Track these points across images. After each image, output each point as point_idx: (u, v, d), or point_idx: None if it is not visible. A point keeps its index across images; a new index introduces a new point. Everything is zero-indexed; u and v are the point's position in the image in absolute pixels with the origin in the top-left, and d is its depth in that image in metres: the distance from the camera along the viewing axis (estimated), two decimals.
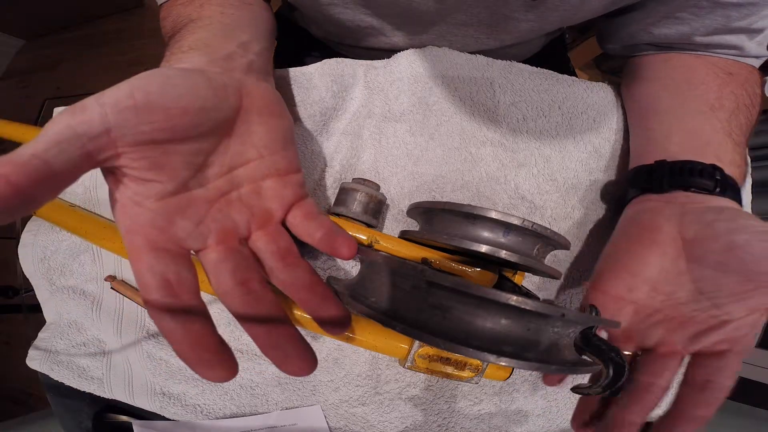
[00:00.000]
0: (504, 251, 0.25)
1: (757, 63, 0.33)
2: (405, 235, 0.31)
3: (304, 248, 0.31)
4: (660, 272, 0.26)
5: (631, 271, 0.27)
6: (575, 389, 0.25)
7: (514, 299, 0.19)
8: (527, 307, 0.19)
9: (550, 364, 0.20)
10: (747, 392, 0.82)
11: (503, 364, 0.19)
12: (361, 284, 0.28)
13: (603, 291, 0.28)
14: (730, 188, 0.28)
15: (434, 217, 0.28)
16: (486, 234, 0.26)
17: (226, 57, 0.26)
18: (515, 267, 0.29)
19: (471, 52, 0.38)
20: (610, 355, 0.23)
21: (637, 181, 0.31)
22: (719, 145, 0.30)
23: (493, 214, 0.25)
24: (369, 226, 0.30)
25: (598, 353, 0.23)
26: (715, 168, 0.28)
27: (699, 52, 0.33)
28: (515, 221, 0.24)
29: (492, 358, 0.19)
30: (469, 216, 0.26)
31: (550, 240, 0.26)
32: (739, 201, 0.28)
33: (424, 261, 0.29)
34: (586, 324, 0.23)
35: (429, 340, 0.20)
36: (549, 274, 0.27)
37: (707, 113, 0.31)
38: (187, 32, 0.28)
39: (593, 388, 0.24)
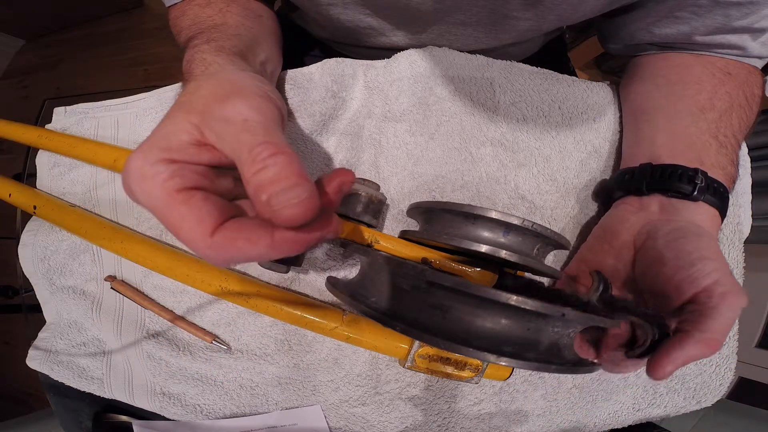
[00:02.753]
0: (504, 251, 0.25)
1: (761, 63, 0.33)
2: (405, 235, 0.31)
3: (301, 257, 0.31)
4: (612, 272, 0.29)
5: (588, 264, 0.31)
6: (630, 355, 0.24)
7: (514, 299, 0.19)
8: (527, 307, 0.19)
9: (551, 363, 0.20)
10: (747, 392, 0.82)
11: (503, 364, 0.19)
12: (361, 284, 0.28)
13: (570, 276, 0.31)
14: (712, 192, 0.28)
15: (434, 217, 0.28)
16: (486, 234, 0.26)
17: (270, 74, 0.27)
18: (515, 267, 0.29)
19: (471, 52, 0.38)
20: (644, 312, 0.22)
21: (621, 183, 0.32)
22: (703, 148, 0.30)
23: (493, 214, 0.25)
24: (369, 226, 0.30)
25: (630, 313, 0.23)
26: (696, 172, 0.28)
27: (700, 52, 0.33)
28: (515, 221, 0.24)
29: (492, 358, 0.19)
30: (469, 216, 0.26)
31: (550, 240, 0.26)
32: (721, 204, 0.28)
33: (424, 261, 0.29)
34: (586, 324, 0.22)
35: (429, 340, 0.20)
36: (549, 274, 0.27)
37: (696, 114, 0.31)
38: (221, 34, 0.28)
39: (645, 348, 0.23)
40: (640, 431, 0.36)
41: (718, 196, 0.28)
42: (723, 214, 0.29)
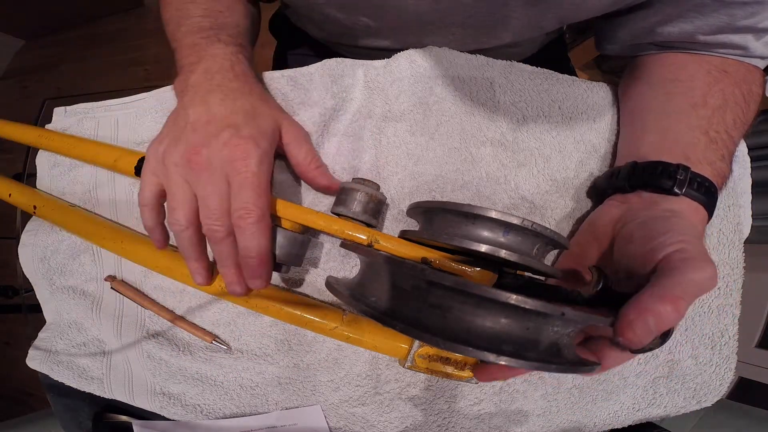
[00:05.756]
0: (504, 251, 0.25)
1: (763, 64, 0.33)
2: (405, 235, 0.31)
3: (301, 256, 0.31)
4: (597, 260, 0.30)
5: (575, 258, 0.32)
6: (636, 351, 0.23)
7: (513, 298, 0.19)
8: (527, 306, 0.19)
9: (551, 363, 0.20)
10: (747, 392, 0.82)
11: (503, 363, 0.19)
12: (361, 284, 0.28)
13: (569, 272, 0.32)
14: (695, 186, 0.28)
15: (434, 216, 0.28)
16: (486, 233, 0.26)
17: None
18: (515, 266, 0.29)
19: (470, 52, 0.38)
20: None
21: (609, 182, 0.33)
22: (690, 144, 0.30)
23: (493, 214, 0.25)
24: (369, 225, 0.30)
25: None
26: (678, 167, 0.28)
27: (701, 52, 0.33)
28: (515, 221, 0.24)
29: (492, 357, 0.19)
30: (469, 216, 0.25)
31: (549, 239, 0.26)
32: (706, 198, 0.28)
33: (424, 261, 0.29)
34: (586, 323, 0.22)
35: (429, 340, 0.20)
36: (548, 273, 0.27)
37: (687, 111, 0.31)
38: (244, 39, 0.35)
39: (653, 342, 0.23)
40: (640, 431, 0.36)
41: (702, 191, 0.28)
42: (709, 208, 0.29)
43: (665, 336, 0.22)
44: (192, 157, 0.26)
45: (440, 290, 0.21)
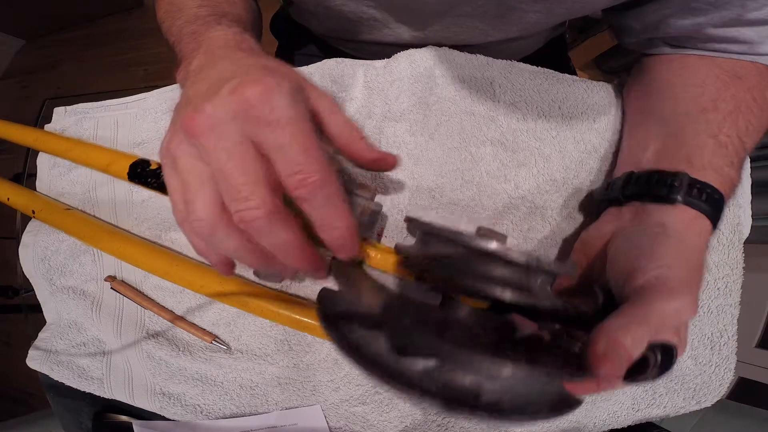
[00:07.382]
0: (500, 289, 0.21)
1: None
2: (399, 251, 0.29)
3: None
4: (592, 279, 0.29)
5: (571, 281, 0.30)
6: (640, 380, 0.22)
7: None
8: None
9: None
10: (747, 392, 0.82)
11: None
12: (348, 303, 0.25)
13: (557, 289, 0.31)
14: (695, 194, 0.26)
15: (431, 239, 0.25)
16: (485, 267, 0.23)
17: None
18: (515, 308, 0.27)
19: (475, 45, 0.38)
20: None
21: (603, 194, 0.32)
22: (695, 148, 0.28)
23: (494, 246, 0.21)
24: (362, 239, 0.29)
25: None
26: (676, 174, 0.27)
27: (710, 52, 0.32)
28: (519, 259, 0.21)
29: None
30: (467, 246, 0.23)
31: (553, 273, 0.23)
32: (707, 206, 0.26)
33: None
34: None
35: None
36: (546, 306, 0.25)
37: (695, 115, 0.30)
38: (245, 27, 0.32)
39: (651, 372, 0.21)
40: (640, 431, 0.36)
41: (704, 198, 0.26)
42: (712, 215, 0.27)
43: (665, 368, 0.21)
44: (190, 122, 0.19)
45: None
